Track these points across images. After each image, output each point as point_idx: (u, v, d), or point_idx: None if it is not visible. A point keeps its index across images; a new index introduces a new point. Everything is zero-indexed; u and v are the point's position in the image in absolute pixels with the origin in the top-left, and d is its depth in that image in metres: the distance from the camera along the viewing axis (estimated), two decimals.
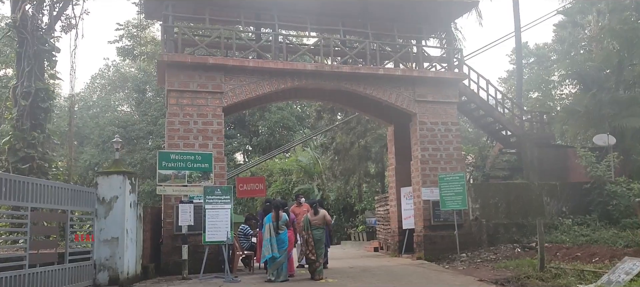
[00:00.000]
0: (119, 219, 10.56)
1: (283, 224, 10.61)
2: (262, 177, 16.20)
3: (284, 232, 10.58)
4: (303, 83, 14.10)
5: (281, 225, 10.59)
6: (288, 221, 10.81)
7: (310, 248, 10.72)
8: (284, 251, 10.47)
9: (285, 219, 10.72)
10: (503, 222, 14.82)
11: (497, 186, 15.43)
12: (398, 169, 16.16)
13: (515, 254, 13.18)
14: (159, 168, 11.28)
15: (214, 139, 13.02)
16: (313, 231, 10.82)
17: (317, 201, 11.85)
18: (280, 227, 10.54)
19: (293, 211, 11.96)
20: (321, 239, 10.93)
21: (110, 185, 10.68)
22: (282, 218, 10.68)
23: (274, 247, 10.42)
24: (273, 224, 10.54)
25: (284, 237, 10.55)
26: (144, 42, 30.81)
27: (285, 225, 10.68)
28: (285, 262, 10.56)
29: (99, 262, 10.37)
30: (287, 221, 10.77)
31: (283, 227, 10.60)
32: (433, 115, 14.79)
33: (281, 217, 10.67)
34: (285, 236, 10.58)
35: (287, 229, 10.74)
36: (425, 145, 14.60)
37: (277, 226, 10.57)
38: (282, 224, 10.60)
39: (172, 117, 12.86)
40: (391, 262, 14.03)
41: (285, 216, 10.83)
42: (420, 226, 14.35)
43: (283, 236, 10.56)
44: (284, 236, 10.57)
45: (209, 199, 11.48)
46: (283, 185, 30.00)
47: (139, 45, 30.06)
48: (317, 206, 11.17)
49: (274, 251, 10.39)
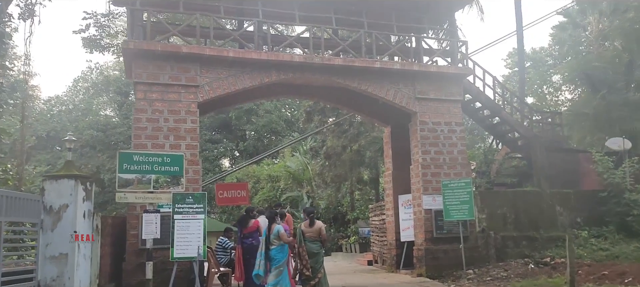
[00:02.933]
0: (69, 231, 8.88)
1: (274, 239, 9.13)
2: (244, 184, 14.58)
3: (276, 248, 9.11)
4: (290, 77, 12.53)
5: (273, 239, 9.13)
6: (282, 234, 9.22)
7: (304, 263, 9.21)
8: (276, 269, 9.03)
9: (276, 232, 9.19)
10: (512, 234, 13.31)
11: (505, 194, 13.93)
12: (395, 175, 14.61)
13: (529, 271, 11.67)
14: (119, 171, 9.60)
15: (187, 139, 11.40)
16: (308, 244, 9.36)
17: (313, 209, 10.31)
18: (272, 242, 9.10)
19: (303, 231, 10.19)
20: (319, 252, 9.51)
21: (59, 191, 8.98)
22: (273, 231, 9.21)
23: (260, 265, 9.15)
24: (266, 237, 9.26)
25: (274, 253, 9.11)
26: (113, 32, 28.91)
27: (277, 239, 9.15)
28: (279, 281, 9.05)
29: (43, 284, 8.64)
30: (281, 233, 9.20)
31: (274, 242, 9.12)
32: (435, 115, 13.28)
33: (272, 230, 9.23)
34: (276, 252, 9.12)
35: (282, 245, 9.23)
36: (426, 147, 13.07)
37: (269, 239, 9.16)
38: (273, 239, 9.13)
39: (139, 113, 11.22)
40: (388, 280, 12.44)
41: (280, 227, 9.30)
42: (421, 238, 12.79)
43: (274, 252, 9.11)
44: (275, 253, 9.11)
45: (179, 207, 9.82)
46: (270, 192, 28.31)
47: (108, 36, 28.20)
48: (314, 216, 9.78)
49: (259, 268, 9.12)
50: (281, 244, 9.18)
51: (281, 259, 9.10)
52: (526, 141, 15.18)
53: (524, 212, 13.61)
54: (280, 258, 9.10)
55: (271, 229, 9.28)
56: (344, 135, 20.45)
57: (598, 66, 18.80)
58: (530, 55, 39.31)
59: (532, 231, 13.42)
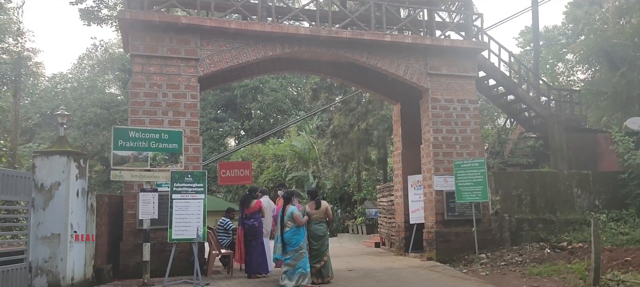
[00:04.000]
0: (62, 210, 8.44)
1: (289, 220, 8.62)
2: (248, 162, 14.06)
3: (289, 230, 8.59)
4: (295, 51, 11.89)
5: (287, 221, 8.63)
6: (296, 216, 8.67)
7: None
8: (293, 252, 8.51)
9: (290, 213, 8.66)
10: (527, 217, 12.73)
11: (521, 175, 13.30)
12: (405, 154, 14.02)
13: (545, 256, 11.10)
14: (113, 148, 9.09)
15: (187, 115, 10.84)
16: (313, 226, 8.95)
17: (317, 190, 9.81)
18: (286, 223, 8.62)
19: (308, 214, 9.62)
20: (324, 235, 9.10)
21: (51, 168, 8.54)
22: (287, 212, 8.70)
23: (277, 248, 8.76)
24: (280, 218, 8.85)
25: (289, 236, 8.59)
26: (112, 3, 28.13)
27: (291, 221, 8.62)
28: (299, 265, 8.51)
29: (35, 265, 8.27)
30: (296, 215, 8.66)
31: (288, 223, 8.61)
32: (448, 91, 12.62)
33: (287, 211, 8.73)
34: (291, 234, 8.59)
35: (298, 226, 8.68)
36: (438, 126, 12.44)
37: (283, 221, 8.74)
38: (287, 220, 8.63)
39: (137, 87, 10.66)
40: (397, 264, 11.93)
41: (294, 209, 8.76)
42: (432, 220, 12.25)
43: (288, 235, 8.59)
44: (290, 235, 8.59)
45: (177, 186, 9.34)
46: (276, 171, 27.84)
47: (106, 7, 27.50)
48: (320, 197, 9.35)
49: (276, 251, 8.78)
50: (296, 225, 8.64)
51: (297, 241, 8.55)
52: (543, 120, 14.50)
53: (540, 194, 13.02)
54: (296, 241, 8.55)
55: (286, 210, 8.76)
56: (352, 113, 19.82)
57: (617, 43, 17.97)
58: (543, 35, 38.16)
59: (548, 213, 12.85)
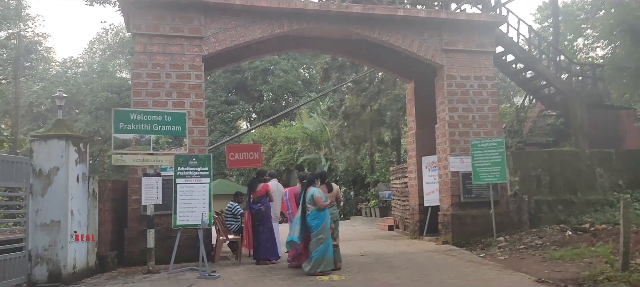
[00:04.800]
0: (61, 196, 8.13)
1: (309, 203, 8.22)
2: (257, 145, 13.66)
3: (310, 214, 8.23)
4: (303, 28, 11.38)
5: (308, 204, 8.23)
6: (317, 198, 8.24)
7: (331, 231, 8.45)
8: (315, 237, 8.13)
9: (311, 196, 8.25)
10: (547, 198, 12.21)
11: (540, 154, 12.73)
12: (419, 135, 13.51)
13: (566, 239, 10.59)
14: (114, 131, 8.74)
15: (191, 96, 10.44)
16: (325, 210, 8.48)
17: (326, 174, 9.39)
18: (307, 207, 8.22)
19: None
20: (337, 220, 8.74)
21: (49, 153, 8.22)
22: (308, 195, 8.31)
23: (294, 231, 8.29)
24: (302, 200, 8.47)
25: (309, 220, 8.24)
26: None
27: (312, 204, 8.21)
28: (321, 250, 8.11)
29: (35, 254, 8.00)
30: (316, 197, 8.22)
31: (309, 207, 8.21)
32: (464, 68, 12.04)
33: (308, 193, 8.35)
34: (311, 218, 8.22)
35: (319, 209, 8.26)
36: (454, 104, 11.90)
37: (304, 203, 8.33)
38: (308, 203, 8.23)
39: (139, 68, 10.27)
40: (412, 248, 11.52)
41: (316, 190, 8.32)
42: (447, 203, 11.78)
43: (308, 219, 8.21)
44: (310, 219, 8.23)
45: (182, 171, 8.99)
46: (287, 154, 27.49)
47: None
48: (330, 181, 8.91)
49: (293, 234, 8.31)
50: (317, 209, 8.22)
51: (317, 225, 8.15)
52: (564, 97, 13.84)
53: (560, 174, 12.45)
54: (316, 225, 8.15)
55: (307, 192, 8.37)
56: (364, 93, 19.27)
57: None
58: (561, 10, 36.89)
59: (569, 194, 12.30)
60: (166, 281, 8.10)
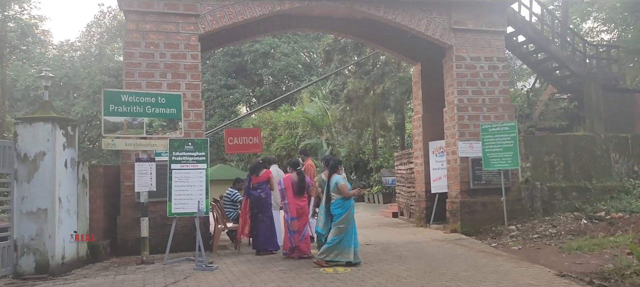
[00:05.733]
0: (48, 183, 7.62)
1: (333, 191, 7.72)
2: (257, 129, 13.09)
3: (335, 203, 7.69)
4: (304, 5, 10.77)
5: (332, 192, 7.72)
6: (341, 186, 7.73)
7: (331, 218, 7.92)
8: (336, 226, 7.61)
9: (335, 184, 7.71)
10: (560, 185, 11.72)
11: (553, 139, 12.19)
12: (426, 119, 12.96)
13: (582, 227, 10.12)
14: (104, 113, 8.19)
15: (187, 78, 9.87)
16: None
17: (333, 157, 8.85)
18: (331, 195, 7.73)
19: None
20: None
21: (35, 136, 7.69)
22: (332, 182, 7.76)
23: (320, 221, 7.78)
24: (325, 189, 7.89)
25: (333, 208, 7.70)
26: None
27: (336, 192, 7.68)
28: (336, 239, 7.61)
29: (21, 243, 7.52)
30: (341, 185, 7.73)
31: (333, 195, 7.72)
32: (474, 48, 11.46)
33: (332, 180, 7.80)
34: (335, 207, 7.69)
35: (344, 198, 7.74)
36: (463, 87, 11.34)
37: (328, 191, 7.76)
38: (332, 191, 7.68)
39: (131, 47, 9.69)
40: (419, 236, 11.04)
41: (340, 178, 7.81)
42: (456, 190, 11.27)
43: (333, 207, 7.71)
44: (334, 207, 7.69)
45: (177, 156, 8.46)
46: (288, 139, 26.94)
47: None
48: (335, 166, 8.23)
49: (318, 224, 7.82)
50: (342, 197, 7.70)
51: (340, 214, 7.65)
52: (578, 79, 13.25)
53: (574, 159, 11.94)
54: (339, 214, 7.65)
55: (331, 180, 7.81)
56: (367, 76, 18.65)
57: None
58: None
59: (583, 180, 11.81)
60: (160, 272, 7.62)
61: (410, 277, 6.71)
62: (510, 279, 6.47)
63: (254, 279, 6.86)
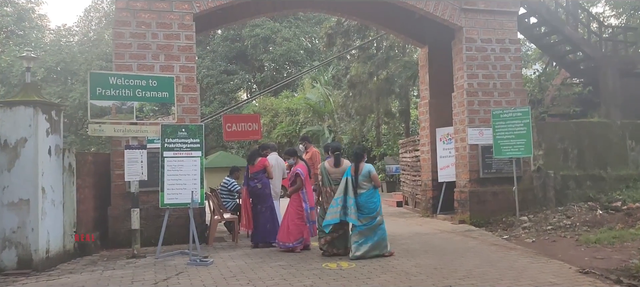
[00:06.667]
0: (30, 172, 7.10)
1: (364, 181, 7.31)
2: (256, 115, 12.57)
3: (366, 193, 7.29)
4: None
5: (362, 181, 7.30)
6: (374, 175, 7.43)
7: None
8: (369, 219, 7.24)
9: (368, 172, 7.34)
10: (574, 173, 11.17)
11: (567, 126, 11.62)
12: (433, 105, 12.38)
13: (598, 218, 9.60)
14: (90, 97, 7.65)
15: (181, 60, 9.31)
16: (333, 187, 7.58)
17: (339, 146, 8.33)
18: (360, 185, 7.29)
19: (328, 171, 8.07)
20: None
21: (15, 122, 7.16)
22: (363, 171, 7.32)
23: (351, 212, 7.15)
24: (351, 178, 7.31)
25: (365, 199, 7.27)
26: None
27: (367, 181, 7.32)
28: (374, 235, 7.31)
29: (2, 237, 7.03)
30: (373, 175, 7.38)
31: (364, 184, 7.30)
32: (485, 30, 10.85)
33: (361, 169, 7.34)
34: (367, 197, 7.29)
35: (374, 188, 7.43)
36: (473, 70, 10.75)
37: (356, 181, 7.28)
38: (363, 180, 7.31)
39: (121, 26, 9.12)
40: (426, 227, 10.53)
41: (371, 167, 7.44)
42: (465, 178, 10.74)
43: (363, 198, 7.27)
44: (366, 198, 7.28)
45: (170, 143, 7.94)
46: (289, 126, 26.40)
47: None
48: (341, 154, 7.85)
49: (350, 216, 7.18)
50: (373, 187, 7.31)
51: (375, 206, 7.27)
52: (593, 63, 12.62)
53: (589, 147, 11.38)
54: (373, 205, 7.27)
55: (359, 169, 7.31)
56: (371, 61, 18.01)
57: None
58: None
59: (598, 169, 11.26)
60: (152, 267, 7.12)
61: (421, 275, 6.20)
62: (528, 277, 5.95)
63: (251, 276, 6.35)
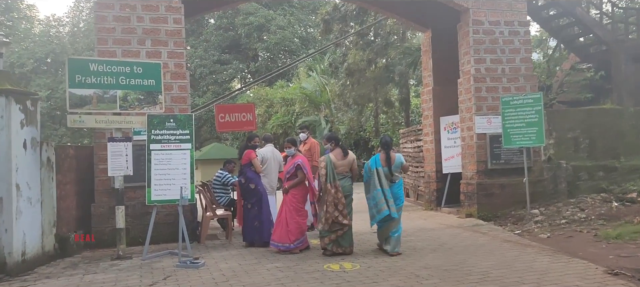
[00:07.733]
0: (3, 167, 6.47)
1: (397, 171, 7.09)
2: (251, 105, 11.95)
3: (398, 183, 7.13)
4: None
5: (395, 171, 7.05)
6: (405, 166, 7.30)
7: (341, 208, 6.92)
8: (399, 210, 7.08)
9: (400, 163, 7.12)
10: (585, 164, 10.61)
11: (578, 113, 11.06)
12: (437, 92, 11.78)
13: (613, 211, 9.07)
14: (69, 85, 7.00)
15: (169, 45, 8.66)
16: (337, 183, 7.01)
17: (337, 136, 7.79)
18: (394, 175, 7.05)
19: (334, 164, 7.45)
20: (350, 193, 7.15)
21: None
22: (395, 161, 7.04)
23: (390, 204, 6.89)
24: (383, 169, 6.98)
25: (397, 190, 7.10)
26: None
27: (399, 172, 7.15)
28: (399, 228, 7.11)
29: None
30: (405, 165, 7.23)
31: (397, 175, 7.09)
32: (493, 12, 10.24)
33: (394, 159, 7.04)
34: (398, 188, 7.13)
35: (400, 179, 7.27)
36: (481, 55, 10.15)
37: (390, 172, 6.99)
38: (396, 170, 7.07)
39: (103, 9, 8.44)
40: (431, 222, 9.98)
41: (401, 157, 7.21)
42: (472, 170, 10.16)
43: (396, 188, 7.08)
44: (398, 188, 7.11)
45: (157, 134, 7.32)
46: (285, 117, 25.76)
47: None
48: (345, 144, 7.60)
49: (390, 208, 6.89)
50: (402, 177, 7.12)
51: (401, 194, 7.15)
52: (606, 47, 12.02)
53: (600, 135, 10.82)
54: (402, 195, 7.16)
55: (393, 159, 7.00)
56: (369, 47, 17.35)
57: None
58: None
59: (610, 159, 10.71)
60: (137, 270, 6.53)
61: (432, 278, 5.63)
62: (551, 280, 5.38)
63: (244, 281, 5.77)
